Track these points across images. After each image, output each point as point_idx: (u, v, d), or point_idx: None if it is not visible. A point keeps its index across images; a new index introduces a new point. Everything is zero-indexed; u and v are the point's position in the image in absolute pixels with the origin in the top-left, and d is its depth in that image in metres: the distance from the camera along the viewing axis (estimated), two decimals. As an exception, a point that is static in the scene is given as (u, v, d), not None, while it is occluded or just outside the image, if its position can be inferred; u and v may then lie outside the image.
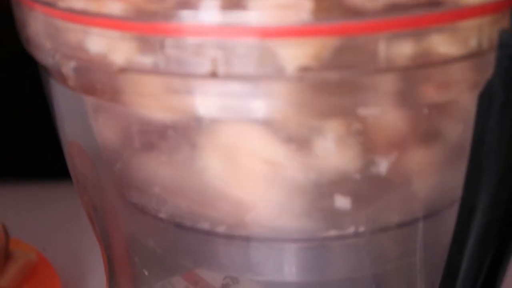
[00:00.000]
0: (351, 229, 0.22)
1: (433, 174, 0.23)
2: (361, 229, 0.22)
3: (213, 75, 0.19)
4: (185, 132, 0.21)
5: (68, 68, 0.21)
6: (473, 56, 0.20)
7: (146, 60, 0.19)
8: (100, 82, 0.20)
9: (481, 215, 0.21)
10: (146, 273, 0.26)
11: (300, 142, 0.20)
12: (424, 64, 0.19)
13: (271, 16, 0.18)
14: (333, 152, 0.21)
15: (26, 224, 0.44)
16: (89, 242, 0.35)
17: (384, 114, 0.20)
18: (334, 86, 0.19)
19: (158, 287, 0.27)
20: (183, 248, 0.24)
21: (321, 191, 0.21)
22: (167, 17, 0.18)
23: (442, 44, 0.19)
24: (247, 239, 0.22)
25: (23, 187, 0.48)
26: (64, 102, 0.24)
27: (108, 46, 0.19)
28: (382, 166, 0.21)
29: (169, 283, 0.28)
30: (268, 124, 0.20)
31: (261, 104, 0.19)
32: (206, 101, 0.20)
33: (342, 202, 0.22)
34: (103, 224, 0.27)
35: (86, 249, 0.43)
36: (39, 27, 0.21)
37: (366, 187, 0.22)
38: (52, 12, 0.20)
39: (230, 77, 0.19)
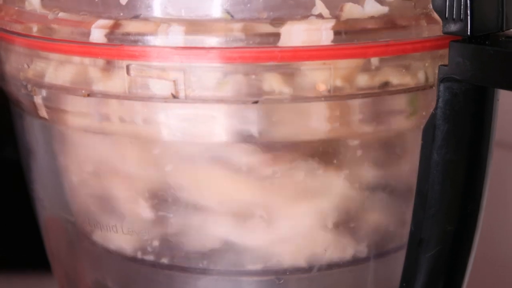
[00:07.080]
0: (308, 264, 0.23)
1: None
2: (317, 263, 0.23)
3: (175, 97, 0.20)
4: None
5: (38, 97, 0.22)
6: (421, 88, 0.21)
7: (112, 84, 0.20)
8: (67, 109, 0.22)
9: (429, 248, 0.21)
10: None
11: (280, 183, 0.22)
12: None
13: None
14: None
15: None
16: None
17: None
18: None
19: None
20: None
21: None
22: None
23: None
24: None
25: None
26: (35, 139, 0.25)
27: (76, 72, 0.21)
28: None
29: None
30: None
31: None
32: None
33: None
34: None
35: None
36: (15, 60, 0.23)
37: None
38: (28, 42, 0.22)
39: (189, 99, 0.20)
